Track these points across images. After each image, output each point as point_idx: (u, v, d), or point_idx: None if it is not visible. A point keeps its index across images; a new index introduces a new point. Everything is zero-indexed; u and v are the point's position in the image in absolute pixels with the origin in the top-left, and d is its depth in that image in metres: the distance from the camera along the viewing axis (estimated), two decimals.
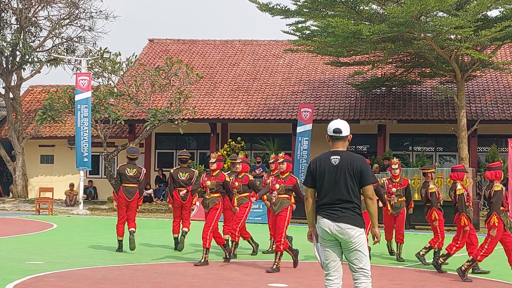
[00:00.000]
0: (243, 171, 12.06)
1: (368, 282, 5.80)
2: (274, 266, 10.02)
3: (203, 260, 10.60)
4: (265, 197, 11.31)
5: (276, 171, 11.28)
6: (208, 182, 10.79)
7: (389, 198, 12.22)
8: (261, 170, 23.97)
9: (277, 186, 10.53)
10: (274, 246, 10.93)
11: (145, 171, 12.81)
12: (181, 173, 12.46)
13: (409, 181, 10.68)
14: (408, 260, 11.91)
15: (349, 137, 6.05)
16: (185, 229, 12.46)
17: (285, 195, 10.51)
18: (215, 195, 10.80)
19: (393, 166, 12.52)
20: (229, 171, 13.15)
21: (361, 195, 5.89)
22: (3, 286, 8.48)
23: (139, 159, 14.62)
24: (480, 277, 10.15)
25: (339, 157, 5.90)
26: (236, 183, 11.99)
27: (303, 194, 9.55)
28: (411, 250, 12.99)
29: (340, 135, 6.00)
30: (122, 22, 66.44)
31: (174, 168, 12.67)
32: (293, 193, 10.61)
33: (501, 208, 9.82)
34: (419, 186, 19.05)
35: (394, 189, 12.31)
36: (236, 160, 12.71)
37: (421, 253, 11.35)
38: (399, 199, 12.41)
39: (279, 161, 10.68)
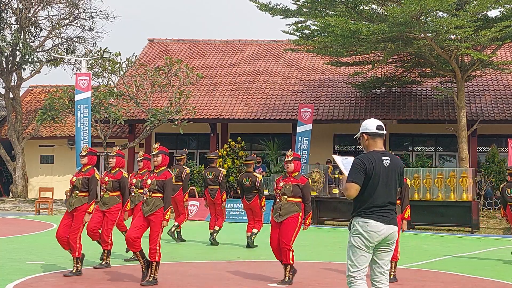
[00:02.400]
0: (117, 166, 10.41)
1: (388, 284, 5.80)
2: (287, 279, 9.00)
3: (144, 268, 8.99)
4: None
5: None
6: (149, 181, 9.07)
7: None
8: (261, 170, 23.96)
9: (282, 184, 9.27)
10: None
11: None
12: (208, 173, 13.84)
13: (409, 181, 10.26)
14: (408, 260, 11.90)
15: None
16: (216, 227, 13.25)
17: (295, 198, 9.15)
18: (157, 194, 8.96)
19: None
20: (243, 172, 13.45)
21: None
22: (3, 286, 8.48)
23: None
24: (480, 277, 10.14)
25: (389, 158, 5.75)
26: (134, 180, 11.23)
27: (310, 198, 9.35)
28: (411, 250, 13.02)
29: (383, 132, 5.79)
30: (122, 22, 66.52)
31: (204, 169, 13.51)
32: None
33: None
34: (419, 186, 19.10)
35: None
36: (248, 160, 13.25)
37: None
38: None
39: (286, 160, 9.46)
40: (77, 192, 9.50)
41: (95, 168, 9.76)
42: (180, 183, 13.94)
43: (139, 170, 11.33)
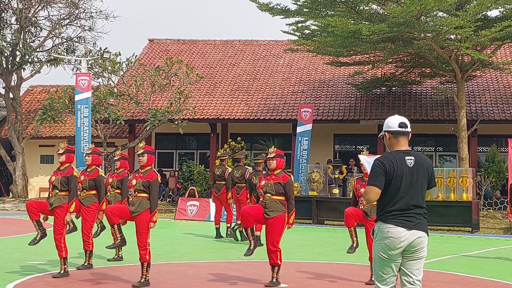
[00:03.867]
0: (94, 164, 10.15)
1: None
2: (275, 280, 8.94)
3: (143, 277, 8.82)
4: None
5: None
6: (134, 181, 8.83)
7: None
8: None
9: (263, 182, 8.97)
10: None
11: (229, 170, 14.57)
12: (235, 171, 14.28)
13: None
14: None
15: (410, 133, 5.42)
16: (239, 221, 13.37)
17: (278, 196, 8.87)
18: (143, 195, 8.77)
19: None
20: (254, 171, 13.61)
21: None
22: (3, 286, 8.48)
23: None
24: (480, 277, 10.15)
25: (413, 158, 5.31)
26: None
27: (293, 197, 9.01)
28: None
29: (407, 129, 5.35)
30: (122, 22, 66.52)
31: (232, 168, 14.44)
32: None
33: None
34: None
35: (362, 190, 9.22)
36: (259, 160, 13.42)
37: None
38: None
39: (269, 156, 9.13)
40: (57, 191, 9.34)
41: (73, 166, 9.57)
42: (223, 182, 14.62)
43: (116, 170, 11.05)
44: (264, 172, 12.27)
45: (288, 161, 26.63)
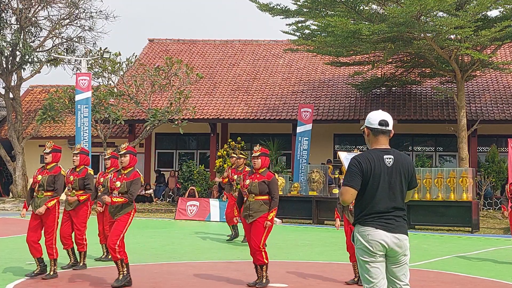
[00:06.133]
0: (82, 164, 10.11)
1: None
2: (264, 280, 8.74)
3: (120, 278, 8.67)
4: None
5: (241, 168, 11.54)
6: (118, 183, 8.62)
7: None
8: None
9: (248, 181, 8.79)
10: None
11: None
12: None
13: None
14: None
15: (392, 132, 5.08)
16: None
17: (262, 196, 8.71)
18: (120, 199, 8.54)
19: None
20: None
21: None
22: (3, 286, 8.49)
23: (138, 159, 14.79)
24: (480, 277, 10.14)
25: (392, 157, 4.95)
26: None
27: (278, 196, 8.76)
28: (411, 250, 12.97)
29: (387, 128, 5.00)
30: (122, 22, 66.50)
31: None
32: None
33: None
34: (419, 186, 19.08)
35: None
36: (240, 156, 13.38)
37: None
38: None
39: (254, 155, 8.99)
40: (43, 191, 9.17)
41: (60, 165, 9.45)
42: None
43: (107, 169, 10.83)
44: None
45: (288, 161, 26.66)
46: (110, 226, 8.79)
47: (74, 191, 9.86)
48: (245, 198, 8.81)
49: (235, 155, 14.04)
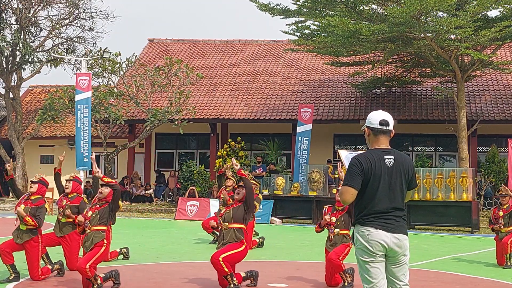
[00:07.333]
0: (74, 191, 9.82)
1: None
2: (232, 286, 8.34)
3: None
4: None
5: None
6: (90, 213, 8.34)
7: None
8: (262, 170, 23.99)
9: (223, 210, 8.72)
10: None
11: None
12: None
13: None
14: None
15: (392, 132, 5.07)
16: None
17: (236, 225, 8.47)
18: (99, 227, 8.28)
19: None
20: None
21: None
22: (3, 286, 8.48)
23: (139, 159, 14.80)
24: (480, 277, 10.15)
25: (392, 157, 4.95)
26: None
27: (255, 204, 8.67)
28: (411, 250, 12.97)
29: (387, 128, 5.00)
30: (122, 22, 66.45)
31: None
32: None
33: None
34: (419, 186, 19.08)
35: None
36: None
37: None
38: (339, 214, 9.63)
39: (240, 185, 8.79)
40: (25, 224, 8.86)
41: (45, 199, 9.10)
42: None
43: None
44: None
45: (288, 161, 26.66)
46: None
47: (65, 217, 9.47)
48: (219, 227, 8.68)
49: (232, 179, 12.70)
